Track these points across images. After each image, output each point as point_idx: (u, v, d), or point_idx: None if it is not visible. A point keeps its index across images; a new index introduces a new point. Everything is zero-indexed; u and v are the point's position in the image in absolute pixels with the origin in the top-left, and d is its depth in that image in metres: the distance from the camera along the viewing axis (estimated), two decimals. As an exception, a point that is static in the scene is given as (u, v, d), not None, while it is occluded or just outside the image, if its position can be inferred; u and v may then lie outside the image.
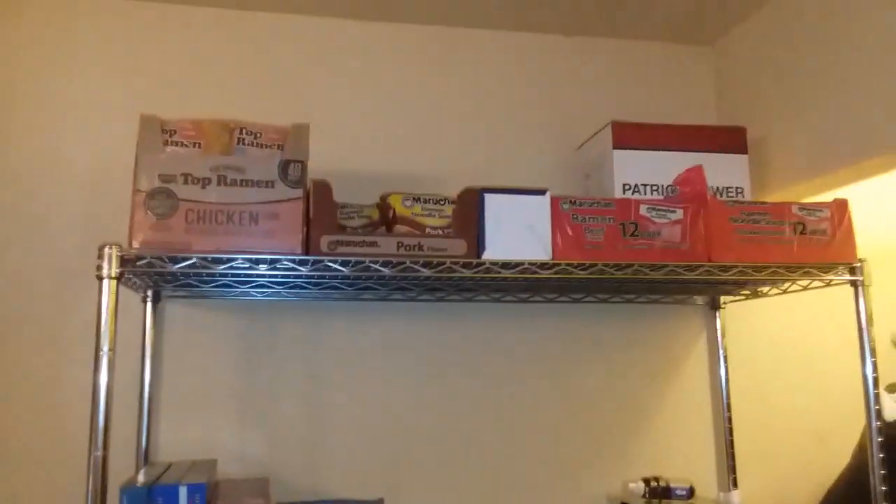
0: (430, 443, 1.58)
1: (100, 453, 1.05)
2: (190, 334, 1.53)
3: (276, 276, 1.24)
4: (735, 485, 1.65)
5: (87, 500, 1.04)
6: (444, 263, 1.23)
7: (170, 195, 1.20)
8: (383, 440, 1.56)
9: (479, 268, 1.25)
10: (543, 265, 1.27)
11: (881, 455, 1.29)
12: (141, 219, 1.17)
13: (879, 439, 1.29)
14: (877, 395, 1.33)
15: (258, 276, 1.27)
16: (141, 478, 1.15)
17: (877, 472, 1.29)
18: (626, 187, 1.52)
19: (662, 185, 1.52)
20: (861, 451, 1.56)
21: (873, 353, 1.34)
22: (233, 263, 1.17)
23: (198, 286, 1.42)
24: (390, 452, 1.56)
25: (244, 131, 1.27)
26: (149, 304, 1.50)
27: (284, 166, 1.24)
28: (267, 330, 1.56)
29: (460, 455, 1.59)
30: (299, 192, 1.23)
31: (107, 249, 1.11)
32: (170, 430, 1.48)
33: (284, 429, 1.53)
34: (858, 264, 1.36)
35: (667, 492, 1.54)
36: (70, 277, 1.49)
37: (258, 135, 1.28)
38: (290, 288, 1.45)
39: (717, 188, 1.53)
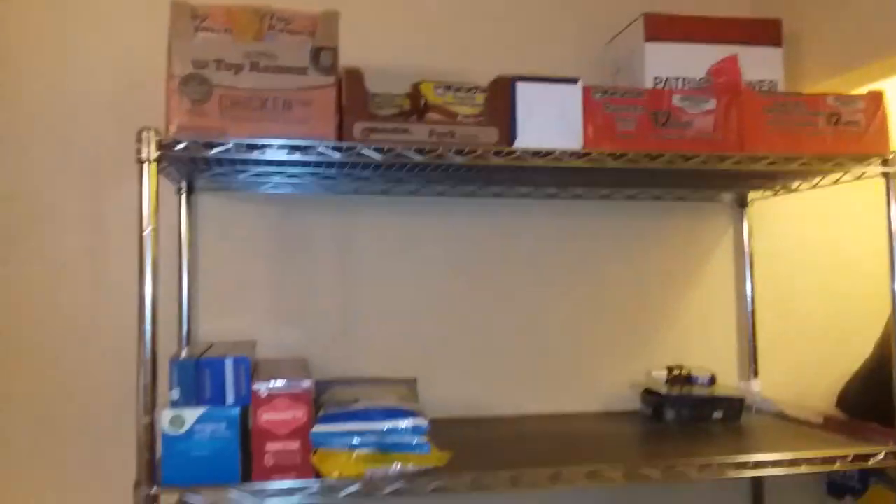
0: (458, 333, 1.63)
1: (148, 326, 1.10)
2: (224, 227, 1.56)
3: (308, 162, 1.25)
4: (755, 375, 1.70)
5: (138, 372, 1.09)
6: (475, 151, 1.24)
7: (203, 81, 1.20)
8: (414, 330, 1.61)
9: (511, 156, 1.26)
10: (575, 154, 1.28)
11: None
12: (176, 104, 1.19)
13: (902, 327, 1.31)
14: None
15: (291, 163, 1.29)
16: (186, 353, 1.21)
17: (898, 358, 1.31)
18: (658, 81, 1.50)
19: (695, 79, 1.50)
20: (882, 345, 1.59)
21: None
22: (268, 150, 1.19)
23: (231, 175, 1.44)
24: (421, 341, 1.61)
25: (274, 17, 1.27)
26: (183, 197, 1.53)
27: (316, 53, 1.24)
28: (300, 224, 1.59)
29: (488, 346, 1.64)
30: (331, 80, 1.23)
31: (145, 133, 1.13)
32: (208, 320, 1.54)
33: (319, 318, 1.58)
34: (892, 156, 1.36)
35: (689, 379, 1.59)
36: (106, 168, 1.52)
37: (288, 21, 1.27)
38: (323, 178, 1.47)
39: (751, 82, 1.51)
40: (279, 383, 1.15)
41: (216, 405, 1.13)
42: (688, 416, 1.53)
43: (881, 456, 1.29)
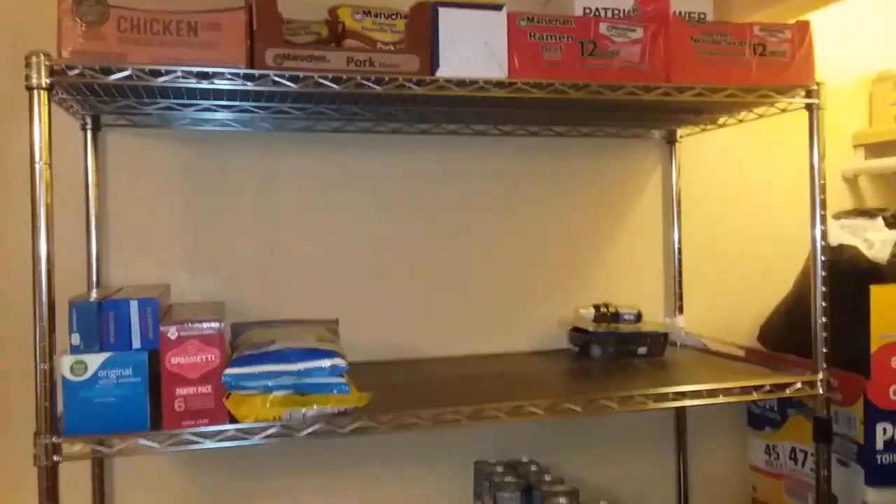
0: (383, 276, 1.59)
1: (43, 266, 1.02)
2: (135, 167, 1.47)
3: (221, 91, 1.18)
4: (681, 311, 1.71)
5: (35, 316, 1.02)
6: (396, 80, 1.19)
7: (99, 1, 1.11)
8: (337, 273, 1.56)
9: (433, 85, 1.20)
10: (499, 83, 1.23)
11: (823, 275, 1.32)
12: (69, 27, 1.09)
13: (822, 258, 1.33)
14: (823, 216, 1.35)
15: (202, 92, 1.21)
16: (91, 296, 1.14)
17: (818, 291, 1.33)
18: (587, 11, 1.46)
19: (623, 10, 1.46)
20: (801, 281, 1.62)
21: (822, 176, 1.35)
22: (172, 76, 1.10)
23: (138, 109, 1.35)
24: (344, 284, 1.57)
25: (177, -66, 1.17)
26: (89, 133, 1.43)
27: (224, -27, 1.15)
28: (217, 163, 1.51)
29: (413, 288, 1.61)
30: (241, 2, 1.15)
31: (35, 58, 1.04)
32: (119, 267, 1.45)
33: (237, 263, 1.51)
34: (815, 87, 1.35)
35: (615, 317, 1.59)
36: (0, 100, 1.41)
37: (193, -62, 1.18)
38: (238, 112, 1.39)
39: (680, 13, 1.48)
40: (189, 325, 1.09)
41: (119, 349, 1.07)
42: (613, 352, 1.54)
43: (797, 385, 1.32)
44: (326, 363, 1.11)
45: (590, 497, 1.49)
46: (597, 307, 1.60)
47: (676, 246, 1.72)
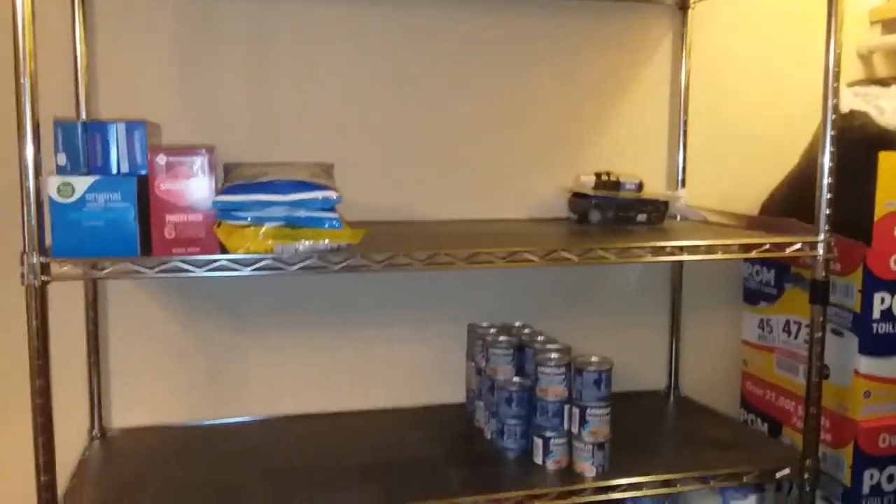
0: (382, 137, 1.55)
1: (26, 80, 0.98)
2: (124, 14, 1.41)
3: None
4: (683, 184, 1.68)
5: (19, 133, 0.99)
6: None
7: None
8: (333, 131, 1.52)
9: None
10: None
11: (832, 133, 1.28)
12: None
13: (833, 118, 1.28)
14: (835, 88, 1.31)
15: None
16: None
17: (826, 151, 1.29)
18: None
19: None
20: (810, 150, 1.58)
21: (839, 45, 1.29)
22: None
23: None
24: (340, 144, 1.53)
25: None
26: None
27: None
28: (210, 6, 1.44)
29: (414, 151, 1.57)
30: None
31: None
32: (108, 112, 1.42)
33: (230, 114, 1.47)
34: (839, -61, 1.28)
35: (616, 185, 1.56)
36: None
37: None
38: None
39: None
40: (178, 151, 1.06)
41: (108, 173, 1.05)
42: (612, 218, 1.52)
43: (798, 246, 1.30)
44: (319, 195, 1.08)
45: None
46: (598, 175, 1.57)
47: (682, 118, 1.68)
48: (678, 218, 1.64)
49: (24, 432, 1.06)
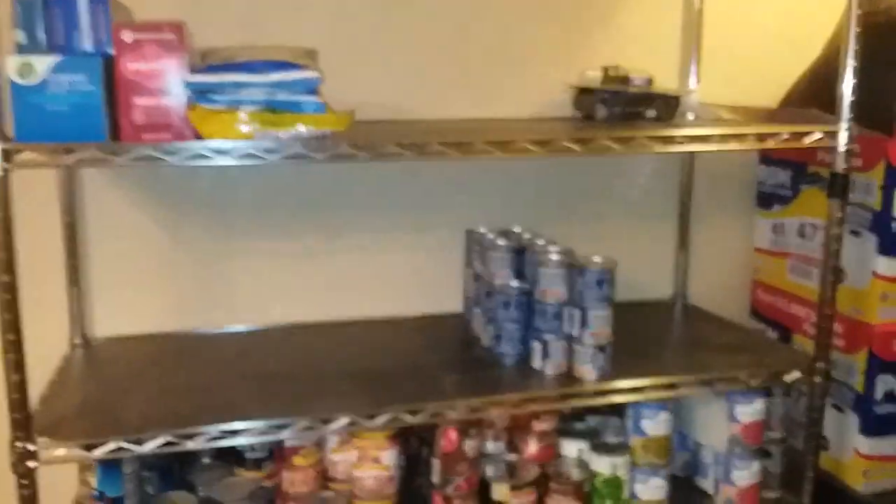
0: (380, 26, 1.45)
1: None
2: None
3: None
4: (697, 81, 1.58)
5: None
6: None
7: None
8: (326, 23, 1.43)
9: None
10: None
11: (858, 13, 1.18)
12: None
13: (858, 12, 1.17)
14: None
15: None
16: None
17: (851, 33, 1.19)
18: None
19: None
20: (832, 44, 1.48)
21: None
22: None
23: None
24: (330, 31, 1.43)
25: None
26: None
27: None
28: None
29: (407, 39, 1.47)
30: None
31: None
32: None
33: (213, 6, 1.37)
34: None
35: (625, 80, 1.46)
36: None
37: None
38: None
39: None
40: (147, 27, 0.98)
41: (71, 52, 0.97)
42: (619, 114, 1.43)
43: (818, 135, 1.21)
44: (300, 75, 1.00)
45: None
46: (605, 69, 1.47)
47: (696, 7, 1.56)
48: (690, 116, 1.55)
49: None
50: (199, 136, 1.01)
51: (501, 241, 1.38)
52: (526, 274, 1.35)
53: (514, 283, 1.32)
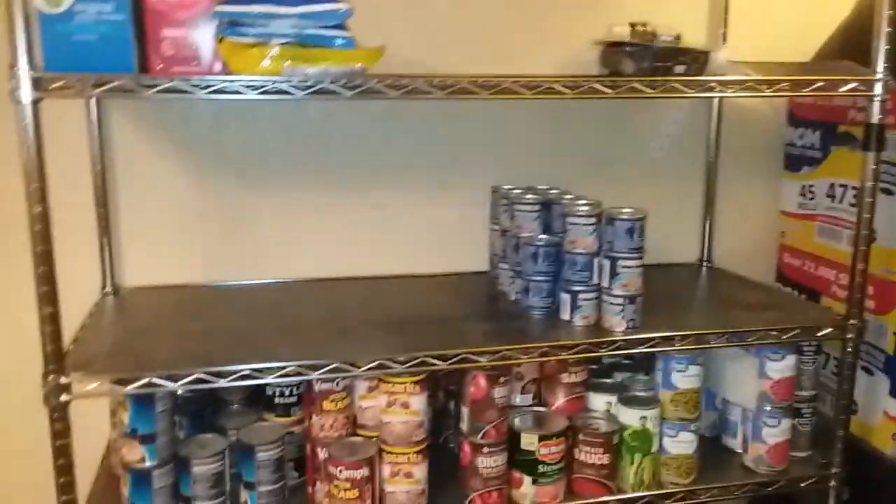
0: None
1: None
2: None
3: None
4: (724, 39, 1.56)
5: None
6: None
7: None
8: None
9: None
10: None
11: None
12: None
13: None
14: None
15: None
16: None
17: None
18: None
19: None
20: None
21: None
22: None
23: None
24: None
25: None
26: None
27: None
28: None
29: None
30: None
31: None
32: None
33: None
34: None
35: (652, 37, 1.44)
36: None
37: None
38: None
39: None
40: (175, -43, 0.97)
41: (98, -19, 0.96)
42: (648, 69, 1.39)
43: (853, 84, 1.18)
44: (329, 6, 0.99)
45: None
46: (633, 25, 1.45)
47: (725, -35, 1.55)
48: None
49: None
50: (227, 71, 1.00)
51: (529, 196, 1.36)
52: (554, 228, 1.34)
53: (543, 236, 1.30)
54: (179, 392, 1.15)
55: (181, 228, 1.44)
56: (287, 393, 1.24)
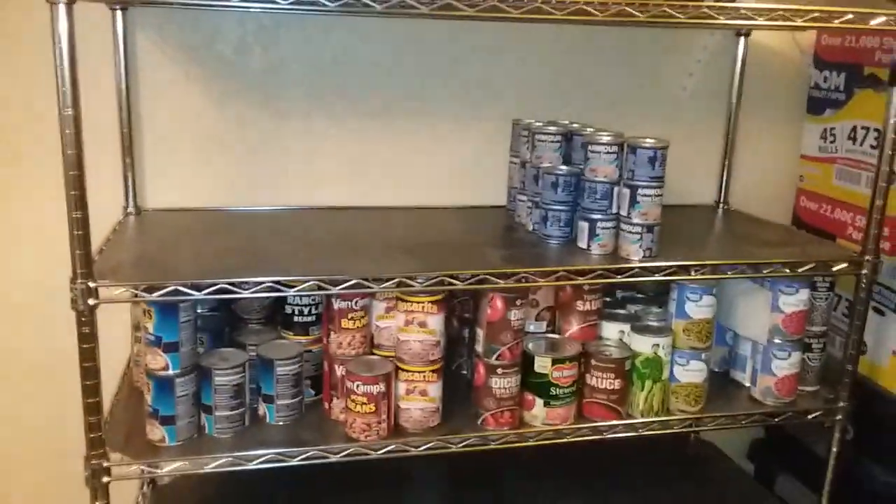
0: None
1: None
2: None
3: None
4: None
5: None
6: None
7: None
8: None
9: None
10: None
11: None
12: None
13: None
14: None
15: None
16: None
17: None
18: None
19: None
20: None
21: None
22: None
23: None
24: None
25: None
26: None
27: None
28: None
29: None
30: None
31: None
32: None
33: None
34: None
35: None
36: None
37: None
38: None
39: None
40: None
41: None
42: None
43: (883, 18, 1.17)
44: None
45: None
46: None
47: None
48: (744, 14, 1.51)
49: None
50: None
51: (551, 127, 1.36)
52: (574, 160, 1.34)
53: (563, 166, 1.31)
54: (202, 303, 1.17)
55: (203, 152, 1.45)
56: (306, 312, 1.26)
